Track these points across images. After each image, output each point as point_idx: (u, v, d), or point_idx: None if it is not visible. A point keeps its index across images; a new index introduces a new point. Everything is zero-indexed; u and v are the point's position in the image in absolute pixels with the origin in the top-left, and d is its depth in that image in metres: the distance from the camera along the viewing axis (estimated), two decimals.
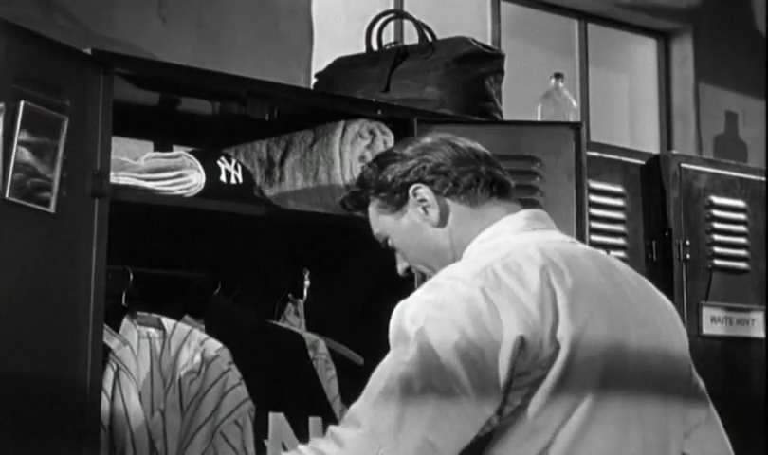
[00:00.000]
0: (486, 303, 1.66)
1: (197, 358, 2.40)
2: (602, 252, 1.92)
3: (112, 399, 2.31)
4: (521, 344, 1.65)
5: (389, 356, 1.70)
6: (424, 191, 1.91)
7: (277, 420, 2.51)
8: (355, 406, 1.68)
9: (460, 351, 1.64)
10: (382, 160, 1.99)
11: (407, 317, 1.71)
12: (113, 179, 2.30)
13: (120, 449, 2.31)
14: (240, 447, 2.38)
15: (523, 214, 1.90)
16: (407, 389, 1.64)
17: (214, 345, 2.43)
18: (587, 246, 1.90)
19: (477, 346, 1.64)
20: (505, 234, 1.86)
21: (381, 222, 1.99)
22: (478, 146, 1.97)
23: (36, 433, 2.09)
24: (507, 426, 1.68)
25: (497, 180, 1.92)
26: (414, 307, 1.71)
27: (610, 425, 1.71)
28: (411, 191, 1.92)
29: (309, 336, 2.71)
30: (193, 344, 2.42)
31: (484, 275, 1.70)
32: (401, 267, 2.02)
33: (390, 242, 2.00)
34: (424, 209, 1.92)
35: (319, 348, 2.71)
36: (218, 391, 2.39)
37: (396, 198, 1.94)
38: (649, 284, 1.91)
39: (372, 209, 2.00)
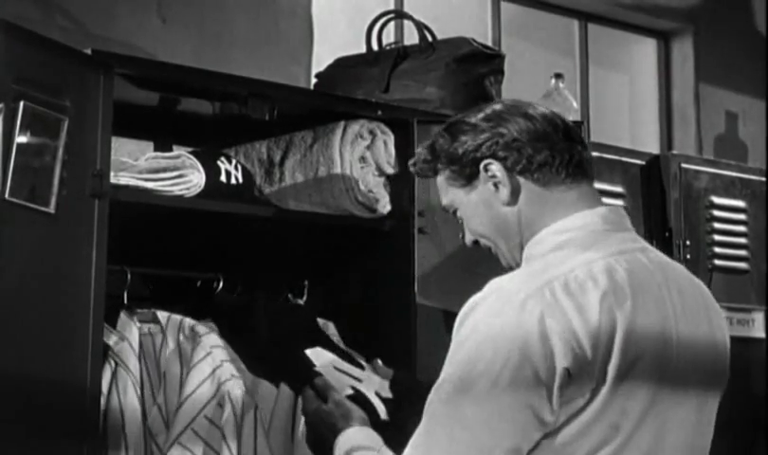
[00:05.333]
0: (539, 331, 1.63)
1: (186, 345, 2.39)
2: (668, 260, 1.86)
3: (108, 396, 2.30)
4: (567, 376, 1.62)
5: (438, 384, 1.70)
6: (496, 168, 1.82)
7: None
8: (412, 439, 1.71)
9: (501, 383, 1.62)
10: (454, 130, 1.87)
11: (463, 334, 1.69)
12: (113, 179, 2.30)
13: (114, 446, 2.29)
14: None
15: (600, 212, 1.82)
16: (441, 424, 1.66)
17: (203, 330, 2.43)
18: (656, 254, 1.84)
19: (523, 376, 1.62)
20: (578, 231, 1.79)
21: (451, 193, 1.90)
22: (556, 115, 1.87)
23: (36, 433, 2.08)
24: (533, 452, 1.66)
25: (574, 158, 1.82)
26: (471, 324, 1.69)
27: (638, 450, 1.70)
28: (482, 166, 1.83)
29: (319, 320, 2.71)
30: (185, 331, 2.43)
31: (542, 295, 1.65)
32: (468, 239, 1.93)
33: (459, 213, 1.92)
34: (495, 185, 1.83)
35: (329, 329, 2.72)
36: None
37: (467, 172, 1.85)
38: (706, 291, 1.88)
39: (441, 179, 1.91)
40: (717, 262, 3.41)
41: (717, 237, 3.42)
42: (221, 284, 2.66)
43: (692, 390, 1.77)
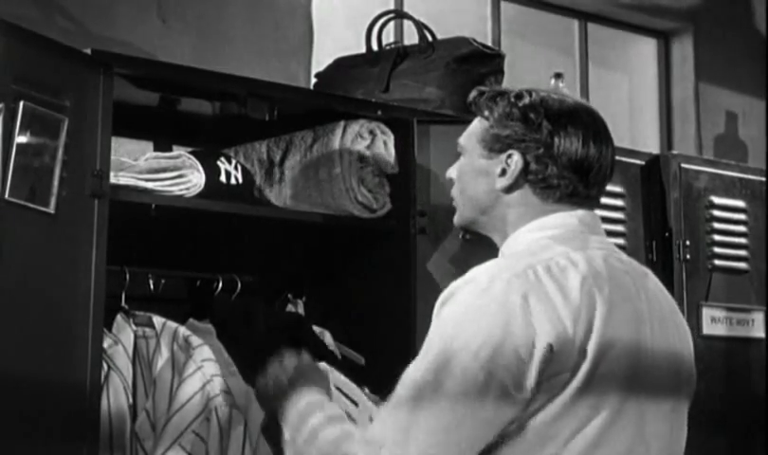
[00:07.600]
0: (522, 310, 1.67)
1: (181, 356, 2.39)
2: (637, 263, 1.91)
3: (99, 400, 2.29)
4: (550, 351, 1.66)
5: (416, 360, 1.72)
6: (514, 163, 1.86)
7: None
8: (380, 410, 1.73)
9: (481, 357, 1.65)
10: (520, 108, 1.87)
11: (445, 312, 1.73)
12: (113, 179, 2.30)
13: (101, 448, 2.28)
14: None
15: (577, 214, 1.86)
16: (419, 396, 1.67)
17: (196, 341, 2.42)
18: (624, 256, 1.90)
19: (502, 352, 1.65)
20: (555, 230, 1.84)
21: (471, 143, 1.93)
22: (609, 152, 1.90)
23: (36, 433, 2.09)
24: (517, 432, 1.69)
25: (581, 193, 1.87)
26: (454, 303, 1.73)
27: (621, 439, 1.73)
28: (506, 153, 1.87)
29: (315, 328, 2.71)
30: (179, 341, 2.42)
31: (526, 276, 1.71)
32: (450, 174, 1.98)
33: (461, 158, 1.95)
34: (502, 171, 1.87)
35: (325, 338, 2.71)
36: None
37: (495, 147, 1.88)
38: (672, 299, 1.93)
39: (477, 123, 1.93)
40: (717, 262, 3.40)
41: (717, 237, 3.42)
42: (220, 285, 2.66)
43: (665, 384, 1.82)
